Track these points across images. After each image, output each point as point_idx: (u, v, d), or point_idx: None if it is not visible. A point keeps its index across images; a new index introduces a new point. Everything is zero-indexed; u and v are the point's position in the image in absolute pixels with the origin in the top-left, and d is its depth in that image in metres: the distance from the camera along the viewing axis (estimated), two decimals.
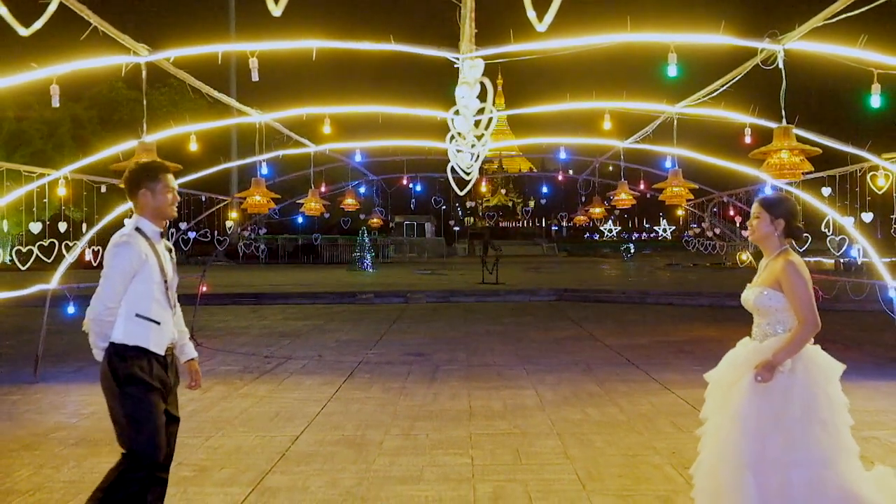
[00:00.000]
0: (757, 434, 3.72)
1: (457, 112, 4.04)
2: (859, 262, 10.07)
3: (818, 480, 3.64)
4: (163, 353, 3.97)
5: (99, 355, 3.89)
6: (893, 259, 13.58)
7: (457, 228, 74.78)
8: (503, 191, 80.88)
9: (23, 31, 3.33)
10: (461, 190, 4.49)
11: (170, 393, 4.05)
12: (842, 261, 25.81)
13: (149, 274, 3.87)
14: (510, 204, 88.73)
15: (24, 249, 7.92)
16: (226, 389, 8.80)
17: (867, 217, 8.83)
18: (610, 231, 77.49)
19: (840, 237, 9.57)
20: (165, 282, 3.99)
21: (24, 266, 7.88)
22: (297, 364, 10.62)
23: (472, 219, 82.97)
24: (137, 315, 3.84)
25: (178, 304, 4.19)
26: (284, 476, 5.61)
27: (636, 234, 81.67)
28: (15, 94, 35.00)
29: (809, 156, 5.67)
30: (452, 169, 4.51)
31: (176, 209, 4.07)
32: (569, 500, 5.06)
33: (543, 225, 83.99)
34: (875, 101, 5.22)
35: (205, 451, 6.25)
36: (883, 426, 6.94)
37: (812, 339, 3.88)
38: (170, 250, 4.14)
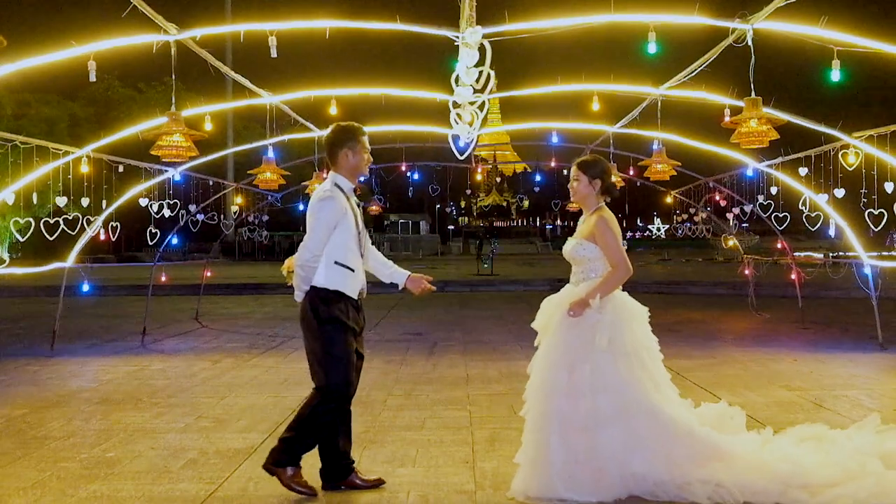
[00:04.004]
0: (566, 363, 4.22)
1: (457, 81, 4.51)
2: (833, 238, 10.51)
3: (624, 404, 4.15)
4: (356, 297, 4.40)
5: (299, 297, 4.34)
6: (883, 253, 14.12)
7: (451, 227, 75.21)
8: (498, 178, 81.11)
9: None
10: (461, 155, 4.97)
11: (360, 333, 4.48)
12: (831, 255, 26.43)
13: (348, 226, 4.28)
14: (504, 203, 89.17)
15: (51, 221, 8.44)
16: (235, 361, 9.26)
17: (839, 193, 9.32)
18: None
19: (815, 213, 10.07)
20: (359, 233, 4.39)
21: (51, 236, 8.39)
22: (301, 342, 11.04)
23: (466, 218, 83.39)
24: (336, 263, 4.26)
25: (371, 246, 4.62)
26: None
27: (630, 233, 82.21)
28: (15, 92, 35.35)
29: (776, 125, 6.18)
30: (455, 137, 4.98)
31: (368, 169, 4.45)
32: None
33: (538, 224, 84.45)
34: (835, 75, 5.74)
35: (222, 408, 6.72)
36: (852, 387, 7.49)
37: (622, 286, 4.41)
38: (358, 205, 4.52)
